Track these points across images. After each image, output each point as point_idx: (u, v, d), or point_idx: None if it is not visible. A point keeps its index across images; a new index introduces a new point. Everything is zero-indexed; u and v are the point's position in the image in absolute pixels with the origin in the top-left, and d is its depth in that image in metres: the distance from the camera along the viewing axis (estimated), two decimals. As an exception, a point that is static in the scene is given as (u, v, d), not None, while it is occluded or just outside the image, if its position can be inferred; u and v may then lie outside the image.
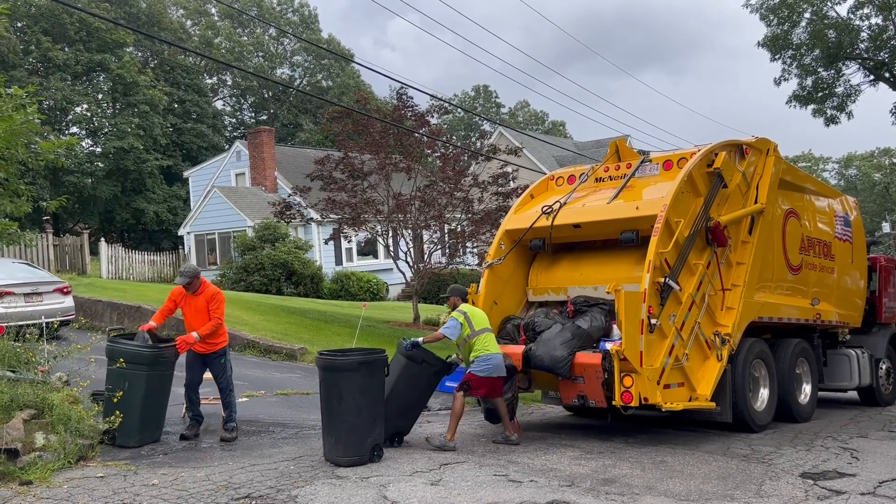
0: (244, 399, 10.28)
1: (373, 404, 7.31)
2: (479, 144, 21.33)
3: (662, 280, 8.22)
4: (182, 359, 8.24)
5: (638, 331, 7.92)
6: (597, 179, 10.35)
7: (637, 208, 9.06)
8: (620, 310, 7.89)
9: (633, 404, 7.95)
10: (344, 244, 28.71)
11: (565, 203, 9.86)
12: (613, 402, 8.09)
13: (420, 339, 8.17)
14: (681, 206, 8.77)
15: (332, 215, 18.55)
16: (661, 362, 8.14)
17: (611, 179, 10.18)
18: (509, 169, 19.35)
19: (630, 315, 7.89)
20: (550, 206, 9.84)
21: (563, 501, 6.00)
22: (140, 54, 46.99)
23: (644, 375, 7.89)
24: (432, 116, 18.49)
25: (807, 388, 10.67)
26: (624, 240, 9.12)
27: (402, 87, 18.27)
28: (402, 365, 7.98)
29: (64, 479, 6.26)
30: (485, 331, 8.31)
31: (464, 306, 8.54)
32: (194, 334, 7.93)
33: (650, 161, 9.92)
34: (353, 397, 7.16)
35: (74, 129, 42.28)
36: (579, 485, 6.54)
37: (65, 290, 14.63)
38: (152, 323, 7.97)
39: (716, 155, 9.39)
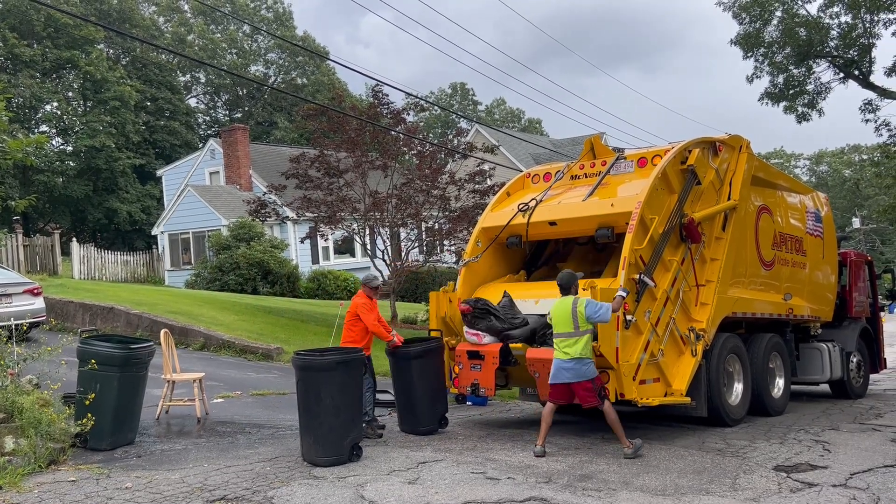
0: (219, 400, 10.20)
1: (351, 404, 7.27)
2: (455, 142, 21.27)
3: (637, 276, 8.28)
4: (157, 359, 8.25)
5: (613, 327, 7.95)
6: (572, 177, 10.40)
7: (612, 205, 9.12)
8: (596, 306, 7.90)
9: (609, 400, 7.99)
10: (321, 243, 28.55)
11: (541, 200, 9.89)
12: (590, 399, 8.12)
13: None
14: (655, 203, 8.83)
15: (307, 213, 18.42)
16: (636, 358, 8.19)
17: (586, 177, 10.23)
18: (486, 167, 19.35)
19: (606, 312, 7.90)
20: (526, 204, 9.87)
21: (541, 498, 6.02)
22: (112, 51, 46.28)
23: (620, 371, 7.94)
24: (408, 114, 18.42)
25: (780, 382, 10.81)
26: (599, 236, 9.19)
27: (377, 85, 18.17)
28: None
29: (34, 484, 6.14)
30: (563, 336, 7.68)
31: (554, 305, 7.92)
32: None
33: (625, 158, 9.98)
34: (332, 397, 7.11)
35: (44, 128, 41.57)
36: (556, 481, 6.56)
37: (35, 291, 14.38)
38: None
39: (689, 152, 9.48)
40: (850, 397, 12.55)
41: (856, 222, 56.72)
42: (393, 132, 18.14)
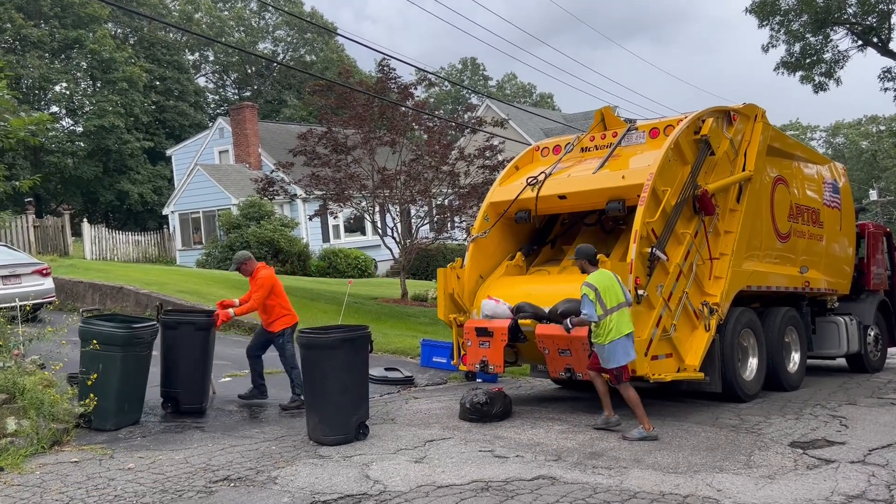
0: (227, 379, 10.13)
1: (358, 382, 7.17)
2: (465, 117, 20.97)
3: (649, 250, 8.07)
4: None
5: (624, 302, 7.76)
6: (582, 149, 10.16)
7: (623, 178, 8.89)
8: (607, 281, 7.72)
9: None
10: (331, 221, 28.44)
11: (550, 174, 9.68)
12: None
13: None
14: (667, 175, 8.60)
15: (316, 191, 18.26)
16: (648, 333, 8.02)
17: (596, 149, 9.99)
18: (496, 141, 19.08)
19: (617, 286, 7.72)
20: (535, 178, 9.66)
21: (550, 476, 5.89)
22: (120, 31, 46.03)
23: (631, 347, 7.76)
24: (415, 88, 18.12)
25: (796, 357, 10.62)
26: (610, 209, 8.98)
27: (384, 59, 17.87)
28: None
29: (36, 465, 6.08)
30: (618, 307, 7.29)
31: (594, 277, 7.42)
32: (230, 311, 8.61)
33: (636, 129, 9.73)
34: (337, 375, 7.00)
35: (54, 108, 41.57)
36: (566, 459, 6.43)
37: (44, 271, 14.36)
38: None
39: (703, 122, 9.21)
40: (868, 371, 12.33)
41: (873, 194, 55.86)
42: (403, 108, 17.88)
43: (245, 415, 8.28)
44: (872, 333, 12.62)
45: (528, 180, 9.70)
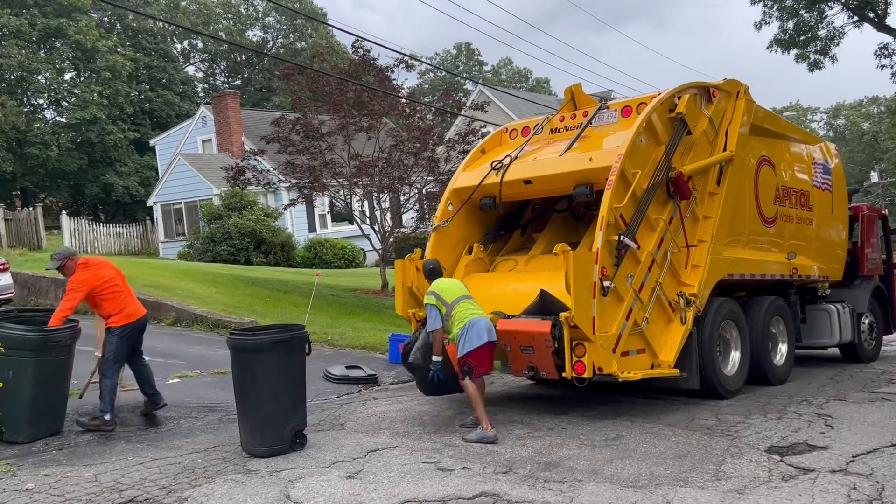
0: (175, 380, 9.51)
1: (292, 386, 6.56)
2: (451, 102, 20.17)
3: (617, 238, 7.43)
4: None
5: (590, 294, 7.14)
6: (552, 130, 9.51)
7: (591, 160, 8.24)
8: (569, 272, 7.09)
9: (586, 375, 7.22)
10: (317, 210, 27.75)
11: (517, 157, 9.03)
12: (564, 374, 7.36)
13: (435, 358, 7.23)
14: (638, 156, 7.94)
15: (291, 179, 17.59)
16: (617, 328, 7.40)
17: (567, 130, 9.34)
18: (477, 125, 18.37)
19: (580, 278, 7.09)
20: (500, 161, 9.02)
21: (493, 493, 5.27)
22: (106, 18, 45.14)
23: (597, 343, 7.15)
24: (392, 72, 17.36)
25: (783, 348, 10.00)
26: (577, 194, 8.33)
27: (357, 41, 17.10)
28: None
29: (-76, 487, 5.48)
30: (460, 299, 7.20)
31: (435, 284, 7.34)
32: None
33: (608, 108, 9.07)
34: (269, 381, 6.39)
35: (40, 101, 40.79)
36: (517, 471, 5.81)
37: (0, 267, 13.80)
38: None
39: (678, 98, 8.53)
40: (862, 361, 11.71)
41: (874, 176, 55.05)
42: (378, 91, 17.12)
43: (182, 421, 7.67)
44: (867, 321, 11.99)
45: (493, 164, 9.06)
